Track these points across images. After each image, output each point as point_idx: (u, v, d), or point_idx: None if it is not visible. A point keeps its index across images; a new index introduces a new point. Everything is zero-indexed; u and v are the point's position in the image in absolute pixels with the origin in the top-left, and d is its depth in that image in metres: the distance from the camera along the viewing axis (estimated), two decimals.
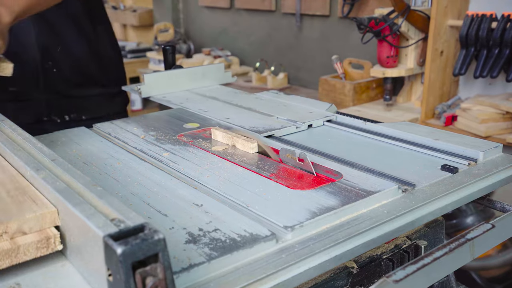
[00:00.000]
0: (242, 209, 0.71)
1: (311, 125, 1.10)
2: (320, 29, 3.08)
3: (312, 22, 3.12)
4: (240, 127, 1.06)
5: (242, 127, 1.06)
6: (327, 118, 1.12)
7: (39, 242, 0.58)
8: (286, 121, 1.11)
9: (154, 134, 1.05)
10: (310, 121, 1.10)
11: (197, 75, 1.42)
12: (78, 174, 0.65)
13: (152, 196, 0.75)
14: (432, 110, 2.25)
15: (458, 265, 0.67)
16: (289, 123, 1.10)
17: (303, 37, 3.19)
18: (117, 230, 0.48)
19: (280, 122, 1.10)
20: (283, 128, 1.05)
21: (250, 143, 0.94)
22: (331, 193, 0.75)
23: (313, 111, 1.18)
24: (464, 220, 2.05)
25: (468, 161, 0.88)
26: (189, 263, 0.56)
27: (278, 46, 3.37)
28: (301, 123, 1.08)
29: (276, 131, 1.04)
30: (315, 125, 1.11)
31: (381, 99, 2.54)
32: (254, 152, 0.94)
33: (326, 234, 0.65)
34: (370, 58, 2.71)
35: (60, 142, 1.00)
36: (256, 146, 0.94)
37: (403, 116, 2.27)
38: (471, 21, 2.04)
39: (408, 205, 0.73)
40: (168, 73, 1.37)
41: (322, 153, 0.93)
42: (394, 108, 2.40)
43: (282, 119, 1.12)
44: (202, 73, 1.43)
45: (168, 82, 1.36)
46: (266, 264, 0.59)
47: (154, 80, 1.33)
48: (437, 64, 2.20)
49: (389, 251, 0.77)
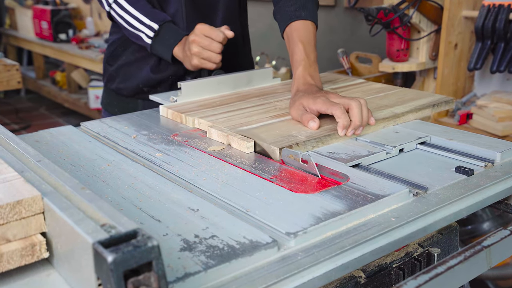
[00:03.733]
0: (241, 214, 0.71)
1: (403, 149, 0.97)
2: (325, 21, 3.09)
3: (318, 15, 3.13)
4: (315, 152, 0.94)
5: (318, 152, 0.93)
6: (420, 140, 0.99)
7: (23, 250, 0.58)
8: (371, 145, 0.96)
9: (146, 133, 1.05)
10: (402, 145, 0.96)
11: (242, 81, 1.32)
12: (65, 176, 0.65)
13: (144, 200, 0.75)
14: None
15: (474, 274, 0.67)
16: (376, 147, 0.95)
17: None
18: (107, 237, 0.49)
19: (364, 146, 0.96)
20: (371, 155, 0.91)
21: (246, 142, 0.94)
22: (337, 197, 0.75)
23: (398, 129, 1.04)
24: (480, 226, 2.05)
25: (484, 163, 0.89)
26: (185, 272, 0.56)
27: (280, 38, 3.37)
28: (392, 147, 0.94)
29: (363, 159, 0.90)
30: (407, 149, 0.97)
31: None
32: (250, 151, 0.94)
33: (331, 241, 0.66)
34: (379, 51, 2.71)
35: (45, 142, 1.00)
36: (252, 146, 0.94)
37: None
38: (488, 11, 2.05)
39: (420, 210, 0.74)
40: (208, 81, 1.25)
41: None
42: None
43: (363, 140, 0.98)
44: (248, 79, 1.33)
45: (209, 91, 1.25)
46: (267, 273, 0.59)
47: (192, 89, 1.22)
48: (450, 58, 2.20)
49: (399, 260, 0.77)
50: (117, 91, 1.45)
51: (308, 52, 1.17)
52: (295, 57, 1.18)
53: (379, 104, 1.15)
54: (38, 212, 0.60)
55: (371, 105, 1.12)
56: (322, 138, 0.96)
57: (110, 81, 1.47)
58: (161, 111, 1.18)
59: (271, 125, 1.02)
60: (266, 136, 0.95)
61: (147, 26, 1.29)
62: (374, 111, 1.09)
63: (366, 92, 1.27)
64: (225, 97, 1.24)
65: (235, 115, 1.09)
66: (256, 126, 1.02)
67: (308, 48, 1.18)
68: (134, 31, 1.31)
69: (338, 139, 0.98)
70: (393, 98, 1.19)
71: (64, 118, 4.64)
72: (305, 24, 1.21)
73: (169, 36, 1.29)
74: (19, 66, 2.37)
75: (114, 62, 1.45)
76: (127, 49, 1.42)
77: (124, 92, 1.44)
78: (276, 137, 0.95)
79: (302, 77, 1.14)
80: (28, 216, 0.59)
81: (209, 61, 1.23)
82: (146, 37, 1.30)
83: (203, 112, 1.11)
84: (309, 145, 0.94)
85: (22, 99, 5.32)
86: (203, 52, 1.22)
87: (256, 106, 1.16)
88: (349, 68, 2.65)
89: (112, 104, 1.48)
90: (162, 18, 1.30)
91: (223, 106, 1.16)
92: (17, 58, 5.49)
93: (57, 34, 4.42)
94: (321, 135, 0.96)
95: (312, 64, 1.17)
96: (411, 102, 1.15)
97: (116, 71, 1.44)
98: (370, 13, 2.22)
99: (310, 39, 1.19)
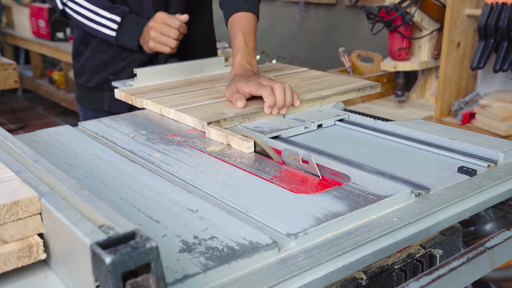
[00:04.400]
0: (241, 215, 0.71)
1: (321, 125, 1.09)
2: (325, 19, 3.09)
3: (317, 11, 3.13)
4: (243, 127, 1.06)
5: (245, 127, 1.06)
6: (338, 117, 1.12)
7: (20, 251, 0.58)
8: (293, 121, 1.10)
9: (145, 133, 1.05)
10: (320, 121, 1.09)
11: (195, 69, 1.42)
12: (63, 177, 0.65)
13: (143, 201, 0.75)
14: (448, 107, 2.25)
15: (477, 276, 0.67)
16: (297, 122, 1.08)
17: (307, 28, 3.20)
18: (105, 238, 0.49)
19: (287, 122, 1.09)
20: (290, 128, 1.05)
21: (246, 142, 0.94)
22: (338, 198, 0.75)
23: (322, 109, 1.18)
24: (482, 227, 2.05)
25: (488, 163, 0.89)
26: (184, 274, 0.56)
27: (280, 37, 3.38)
28: (310, 122, 1.08)
29: (283, 131, 1.04)
30: (326, 125, 1.10)
31: (392, 95, 2.54)
32: (250, 151, 0.94)
33: (332, 243, 0.66)
34: (380, 50, 2.71)
35: (43, 142, 1.00)
36: (252, 146, 0.94)
37: (416, 114, 2.27)
38: (491, 10, 2.05)
39: (422, 210, 0.74)
40: (162, 68, 1.37)
41: (329, 154, 0.94)
42: (407, 105, 2.40)
43: (289, 118, 1.11)
44: (200, 67, 1.43)
45: (163, 77, 1.36)
46: (267, 275, 0.59)
47: (147, 75, 1.33)
48: (453, 57, 2.20)
49: (401, 261, 0.77)
50: (85, 84, 1.53)
51: (247, 41, 1.30)
52: (235, 45, 1.30)
53: (311, 88, 1.28)
54: (35, 213, 0.60)
55: (303, 89, 1.26)
56: (249, 115, 1.09)
57: (78, 76, 1.55)
58: (116, 94, 1.28)
59: (208, 105, 1.15)
60: (200, 114, 1.07)
61: (109, 19, 1.37)
62: (304, 93, 1.21)
63: (303, 78, 1.39)
64: (176, 82, 1.35)
65: (179, 97, 1.21)
66: (193, 106, 1.14)
67: (248, 38, 1.30)
68: (94, 25, 1.38)
69: (265, 117, 1.10)
70: (325, 84, 1.32)
71: (61, 118, 4.64)
72: (247, 15, 1.33)
73: (134, 25, 1.37)
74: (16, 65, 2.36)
75: (79, 58, 1.53)
76: (88, 44, 1.49)
77: (90, 85, 1.52)
78: (208, 114, 1.07)
79: (240, 63, 1.27)
80: (25, 217, 0.59)
81: (165, 45, 1.32)
82: (109, 30, 1.37)
83: (152, 95, 1.23)
84: (236, 120, 1.07)
85: (19, 98, 5.32)
86: (160, 37, 1.31)
87: (200, 90, 1.28)
88: (350, 67, 2.65)
89: (82, 98, 1.56)
90: (122, 10, 1.38)
91: (171, 90, 1.28)
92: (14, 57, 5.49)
93: (55, 33, 4.42)
94: (248, 112, 1.10)
95: (251, 52, 1.30)
96: (339, 87, 1.28)
97: (82, 66, 1.52)
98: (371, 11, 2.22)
99: (250, 29, 1.32)
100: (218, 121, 1.03)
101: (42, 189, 0.62)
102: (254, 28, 1.34)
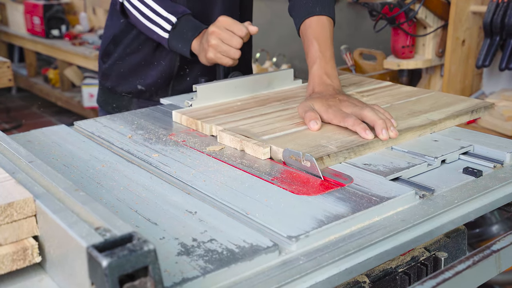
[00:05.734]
0: (241, 217, 0.71)
1: (445, 160, 0.91)
2: None
3: None
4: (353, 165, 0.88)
5: (353, 164, 0.88)
6: (463, 150, 0.93)
7: (15, 254, 0.58)
8: (409, 155, 0.91)
9: (142, 133, 1.05)
10: (444, 155, 0.90)
11: (261, 84, 1.26)
12: (58, 178, 0.65)
13: (140, 203, 0.75)
14: None
15: (483, 279, 0.67)
16: (416, 158, 0.89)
17: None
18: (102, 240, 0.49)
19: (401, 157, 0.90)
20: (411, 166, 0.86)
21: (262, 148, 0.91)
22: (340, 199, 0.75)
23: (437, 138, 0.98)
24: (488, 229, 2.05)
25: (493, 163, 0.89)
26: (182, 277, 0.56)
27: (281, 34, 3.38)
28: (433, 158, 0.88)
29: (404, 171, 0.85)
30: (449, 160, 0.91)
31: None
32: (266, 158, 0.91)
33: (334, 245, 0.66)
34: (384, 48, 2.71)
35: (38, 142, 1.00)
36: (268, 152, 0.91)
37: None
38: (496, 6, 2.05)
39: (426, 212, 0.74)
40: (225, 84, 1.20)
41: None
42: None
43: (399, 150, 0.93)
44: (267, 82, 1.27)
45: (226, 94, 1.20)
46: (268, 278, 0.59)
47: (208, 92, 1.17)
48: (458, 54, 2.20)
49: (405, 264, 0.77)
50: (112, 89, 1.46)
51: (323, 49, 1.14)
52: (309, 55, 1.15)
53: (412, 109, 1.09)
54: (30, 215, 0.60)
55: (403, 111, 1.08)
56: (354, 149, 0.90)
57: (104, 79, 1.47)
58: (174, 116, 1.12)
59: (297, 134, 0.97)
60: (293, 147, 0.90)
61: (164, 18, 1.26)
62: (408, 117, 1.04)
63: (396, 96, 1.20)
64: (243, 101, 1.19)
65: (256, 122, 1.04)
66: (280, 135, 0.97)
67: (323, 45, 1.15)
68: (148, 24, 1.28)
69: (372, 149, 0.92)
70: (426, 104, 1.13)
71: (57, 117, 4.64)
72: (320, 20, 1.18)
73: (187, 29, 1.25)
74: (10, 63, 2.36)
75: (107, 59, 1.45)
76: (118, 45, 1.42)
77: (118, 90, 1.44)
78: (304, 148, 0.90)
79: (318, 76, 1.12)
80: (20, 219, 0.59)
81: (227, 56, 1.18)
82: (163, 31, 1.26)
83: (221, 119, 1.06)
84: (341, 156, 0.89)
85: (13, 97, 5.32)
86: (221, 46, 1.16)
87: (277, 111, 1.11)
88: (352, 65, 2.65)
89: (107, 102, 1.49)
90: (181, 11, 1.27)
91: (242, 112, 1.11)
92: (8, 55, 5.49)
93: (50, 30, 4.42)
94: (354, 144, 0.91)
95: (328, 61, 1.13)
96: (447, 108, 1.10)
97: (110, 68, 1.45)
98: (374, 8, 2.22)
99: (326, 35, 1.16)
100: (321, 157, 0.86)
101: (37, 191, 0.62)
102: (330, 34, 1.18)
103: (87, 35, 4.47)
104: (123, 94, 1.44)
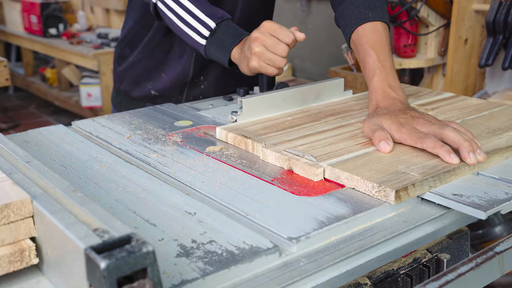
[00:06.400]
0: (241, 218, 0.71)
1: None
2: (328, 15, 3.09)
3: (320, 6, 3.12)
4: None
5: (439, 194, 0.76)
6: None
7: (12, 255, 0.58)
8: (502, 183, 0.80)
9: (141, 133, 1.05)
10: None
11: (310, 96, 1.15)
12: (56, 178, 0.65)
13: (139, 203, 0.75)
14: None
15: (486, 282, 0.67)
16: (510, 186, 0.78)
17: (309, 24, 3.20)
18: (100, 242, 0.49)
19: (493, 185, 0.79)
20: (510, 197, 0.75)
21: (314, 168, 0.82)
22: (341, 200, 0.75)
23: None
24: (491, 230, 2.05)
25: None
26: (181, 279, 0.56)
27: None
28: None
29: (504, 205, 0.73)
30: None
31: None
32: (319, 179, 0.82)
33: (335, 247, 0.65)
34: None
35: (35, 142, 1.00)
36: (321, 172, 0.82)
37: None
38: (499, 5, 2.05)
39: (429, 213, 0.73)
40: (272, 96, 1.09)
41: None
42: None
43: (486, 176, 0.82)
44: (316, 93, 1.16)
45: (273, 108, 1.09)
46: (268, 280, 0.59)
47: (254, 105, 1.07)
48: (460, 53, 2.20)
49: (406, 266, 0.77)
50: (126, 92, 1.46)
51: (382, 59, 1.03)
52: (367, 66, 1.04)
53: (490, 126, 0.98)
54: (27, 216, 0.60)
55: (480, 128, 0.96)
56: (440, 176, 0.79)
57: (118, 82, 1.47)
58: (218, 134, 1.01)
59: (367, 157, 0.86)
60: (368, 174, 0.79)
61: (203, 23, 1.16)
62: (489, 136, 0.93)
63: (464, 110, 1.08)
64: (292, 115, 1.08)
65: (315, 141, 0.93)
66: (349, 158, 0.85)
67: (382, 54, 1.04)
68: (185, 28, 1.19)
69: (458, 175, 0.81)
70: (503, 118, 1.01)
71: (54, 117, 4.64)
72: (374, 26, 1.07)
73: (227, 36, 1.15)
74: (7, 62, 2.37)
75: (122, 62, 1.44)
76: (135, 48, 1.40)
77: (132, 93, 1.44)
78: (382, 175, 0.78)
79: (380, 89, 1.00)
80: (17, 220, 0.59)
81: (272, 65, 1.07)
82: (200, 37, 1.17)
83: (273, 137, 0.95)
84: (426, 185, 0.77)
85: (11, 97, 5.32)
86: (265, 53, 1.06)
87: (335, 128, 1.00)
88: (353, 64, 2.65)
89: (121, 105, 1.49)
90: (221, 15, 1.17)
91: (295, 129, 1.00)
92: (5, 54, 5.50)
93: (47, 29, 4.42)
94: (438, 171, 0.79)
95: (389, 72, 1.02)
96: None
97: (124, 72, 1.44)
98: None
99: (383, 43, 1.05)
100: (405, 188, 0.74)
101: (34, 191, 0.62)
102: (387, 41, 1.06)
103: (85, 34, 4.48)
104: (137, 98, 1.44)
